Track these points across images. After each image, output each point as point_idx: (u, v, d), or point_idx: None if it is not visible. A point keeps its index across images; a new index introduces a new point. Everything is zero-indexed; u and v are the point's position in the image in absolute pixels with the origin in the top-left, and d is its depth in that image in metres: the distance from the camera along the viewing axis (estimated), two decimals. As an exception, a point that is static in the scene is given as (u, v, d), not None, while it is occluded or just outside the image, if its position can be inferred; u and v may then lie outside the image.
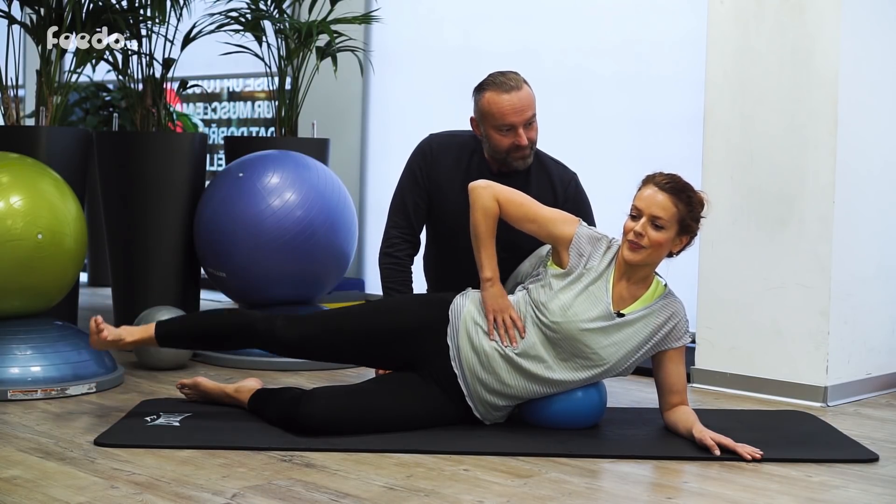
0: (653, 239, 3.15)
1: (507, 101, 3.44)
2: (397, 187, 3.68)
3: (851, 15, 3.91)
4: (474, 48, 5.92)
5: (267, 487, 2.69)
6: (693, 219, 3.19)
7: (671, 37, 5.20)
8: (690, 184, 3.23)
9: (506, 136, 3.47)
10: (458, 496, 2.66)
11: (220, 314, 3.45)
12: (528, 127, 3.47)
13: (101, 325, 3.37)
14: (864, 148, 4.03)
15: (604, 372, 3.24)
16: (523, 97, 3.45)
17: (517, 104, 3.44)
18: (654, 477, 2.93)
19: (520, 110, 3.44)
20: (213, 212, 4.53)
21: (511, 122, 3.44)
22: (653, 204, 3.15)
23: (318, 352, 3.38)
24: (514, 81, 3.47)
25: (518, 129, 3.45)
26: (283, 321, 3.34)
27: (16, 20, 4.73)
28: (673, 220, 3.16)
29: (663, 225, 3.15)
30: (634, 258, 3.18)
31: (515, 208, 3.28)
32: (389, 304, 3.41)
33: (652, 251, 3.17)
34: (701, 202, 3.21)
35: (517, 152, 3.49)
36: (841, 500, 2.73)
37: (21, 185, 3.81)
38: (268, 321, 3.34)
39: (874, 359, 4.13)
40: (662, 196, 3.15)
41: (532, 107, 3.47)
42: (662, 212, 3.14)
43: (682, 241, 3.21)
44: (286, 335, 3.32)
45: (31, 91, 7.56)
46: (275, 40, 5.16)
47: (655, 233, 3.15)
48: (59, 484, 2.68)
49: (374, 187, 6.47)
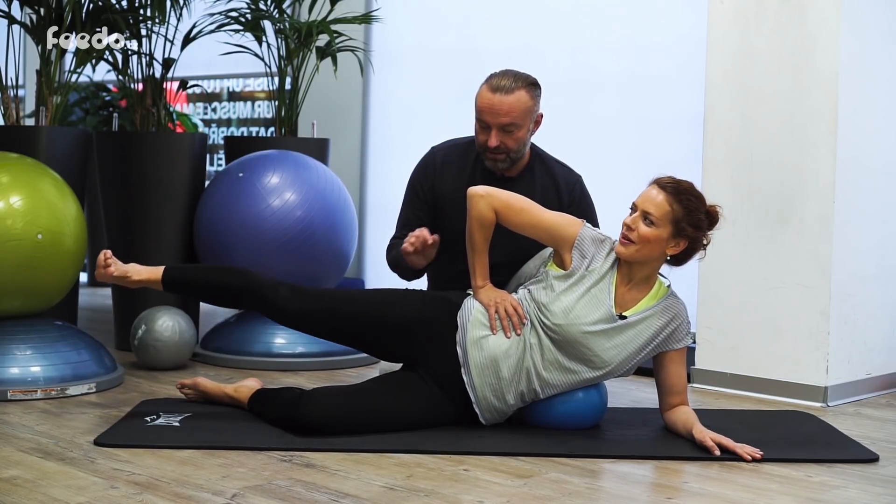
0: (641, 234, 3.15)
1: (488, 100, 3.43)
2: (402, 202, 3.70)
3: (851, 15, 3.91)
4: (474, 48, 5.92)
5: (267, 487, 2.69)
6: (689, 223, 3.16)
7: (671, 36, 5.21)
8: (699, 191, 3.20)
9: (482, 132, 3.48)
10: (458, 496, 2.66)
11: (231, 272, 3.44)
12: (504, 132, 3.43)
13: (109, 259, 3.37)
14: (864, 148, 4.03)
15: (605, 374, 3.24)
16: (506, 102, 3.40)
17: (495, 106, 3.41)
18: (654, 477, 2.93)
19: (495, 112, 3.41)
20: (213, 212, 4.53)
21: (485, 120, 3.44)
22: (648, 200, 3.17)
23: (317, 328, 3.38)
24: (509, 85, 3.42)
25: (491, 130, 3.45)
26: (288, 290, 3.33)
27: (16, 20, 4.73)
28: (665, 219, 3.15)
29: (654, 221, 3.15)
30: (623, 252, 3.19)
31: (515, 214, 3.27)
32: (395, 294, 3.39)
33: (641, 247, 3.16)
34: (711, 215, 3.18)
35: (487, 152, 3.48)
36: (841, 500, 2.73)
37: (21, 185, 3.81)
38: (274, 289, 3.33)
39: (874, 359, 4.13)
40: (659, 194, 3.16)
41: (511, 115, 3.40)
42: (655, 209, 3.14)
43: (678, 244, 3.20)
44: (289, 306, 3.32)
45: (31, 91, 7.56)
46: (275, 40, 5.16)
47: (646, 228, 3.15)
48: (59, 484, 2.68)
49: (374, 187, 6.47)
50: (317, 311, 3.33)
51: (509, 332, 3.22)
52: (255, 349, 4.44)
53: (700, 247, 3.23)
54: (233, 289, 3.37)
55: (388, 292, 3.41)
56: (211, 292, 3.46)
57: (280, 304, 3.32)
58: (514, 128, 3.43)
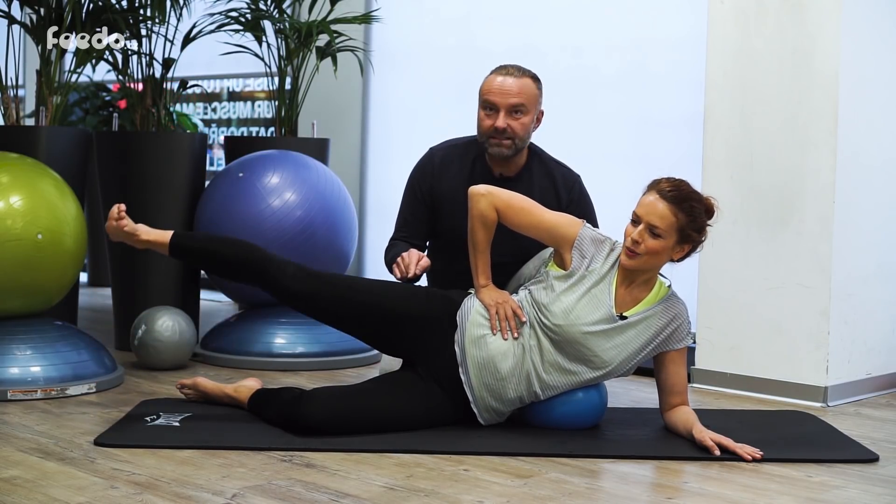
0: (649, 247, 3.14)
1: (496, 81, 3.47)
2: (401, 202, 3.71)
3: (851, 15, 3.91)
4: (474, 48, 5.92)
5: (267, 487, 2.69)
6: (694, 229, 3.15)
7: (671, 36, 5.20)
8: (696, 191, 3.19)
9: (488, 115, 3.48)
10: (458, 496, 2.66)
11: (239, 244, 3.42)
12: (511, 115, 3.45)
13: (122, 214, 3.38)
14: (865, 147, 4.03)
15: (606, 374, 3.23)
16: (515, 83, 3.45)
17: (504, 86, 3.45)
18: (654, 477, 2.93)
19: (505, 92, 3.44)
20: (213, 212, 4.53)
21: (493, 101, 3.45)
22: (652, 212, 3.14)
23: (319, 312, 3.38)
24: (515, 71, 3.49)
25: (500, 112, 3.45)
26: (294, 270, 3.33)
27: (16, 20, 4.73)
28: (671, 230, 3.14)
29: (661, 234, 3.13)
30: (630, 264, 3.18)
31: (515, 214, 3.28)
32: (398, 288, 3.38)
33: (648, 258, 3.16)
34: (709, 210, 3.18)
35: (494, 136, 3.48)
36: (841, 500, 2.73)
37: (21, 185, 3.81)
38: (280, 267, 3.32)
39: (874, 359, 4.13)
40: (663, 205, 3.13)
41: (520, 96, 3.45)
42: (660, 221, 3.13)
43: (683, 249, 3.19)
44: (293, 285, 3.31)
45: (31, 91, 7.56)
46: (275, 40, 5.17)
47: (653, 241, 3.14)
48: (59, 484, 2.68)
49: (374, 187, 6.47)
50: (321, 294, 3.32)
51: (507, 334, 3.23)
52: (255, 349, 4.43)
53: (699, 246, 3.23)
54: (239, 260, 3.36)
55: (392, 284, 3.40)
56: (216, 262, 3.44)
57: (286, 283, 3.31)
58: (523, 109, 3.46)
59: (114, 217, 3.38)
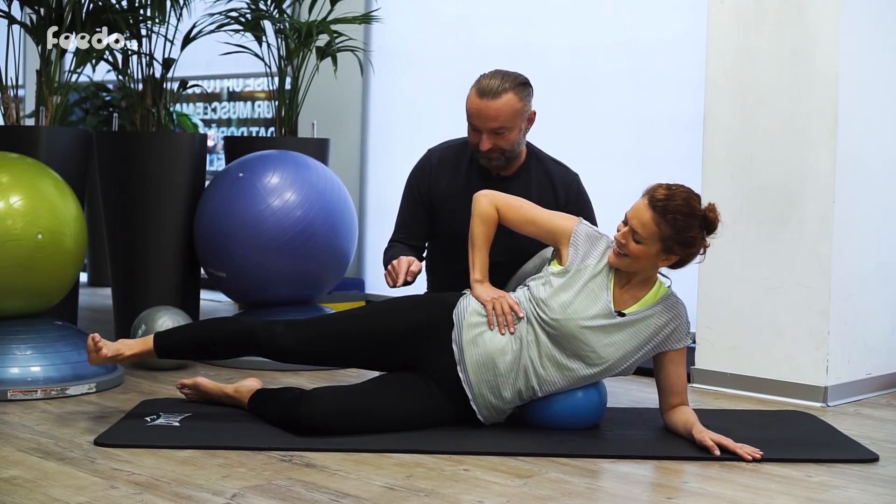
0: (632, 250, 3.15)
1: (476, 105, 3.44)
2: (400, 203, 3.71)
3: (851, 15, 3.91)
4: (474, 47, 5.92)
5: (267, 487, 2.69)
6: (678, 242, 3.12)
7: (671, 36, 5.20)
8: (691, 204, 3.12)
9: (473, 134, 3.50)
10: (458, 496, 2.66)
11: (219, 324, 3.44)
12: (494, 135, 3.45)
13: (98, 343, 3.34)
14: (864, 147, 4.03)
15: (602, 371, 3.24)
16: (493, 107, 3.41)
17: (483, 111, 3.42)
18: (654, 477, 2.93)
19: (483, 118, 3.43)
20: (213, 212, 4.53)
21: (474, 124, 3.47)
22: (636, 217, 3.15)
23: (319, 356, 3.38)
24: (497, 88, 3.42)
25: (482, 134, 3.46)
26: (282, 327, 3.34)
27: (16, 20, 4.74)
28: (654, 239, 3.13)
29: (641, 241, 3.14)
30: (616, 263, 3.21)
31: (514, 213, 3.32)
32: (388, 305, 3.40)
33: (632, 261, 3.18)
34: (709, 224, 3.13)
35: (480, 153, 3.50)
36: (841, 500, 2.73)
37: (21, 185, 3.81)
38: (267, 329, 3.33)
39: (874, 359, 4.13)
40: (648, 213, 3.12)
41: (500, 119, 3.41)
42: (642, 229, 3.13)
43: (668, 258, 3.18)
44: (286, 342, 3.32)
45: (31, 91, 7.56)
46: (275, 40, 5.17)
47: (635, 245, 3.15)
48: (59, 484, 2.68)
49: (374, 187, 6.47)
50: (317, 338, 3.33)
51: (503, 329, 3.23)
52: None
53: (693, 258, 3.21)
54: (225, 338, 3.36)
55: (377, 306, 3.42)
56: (205, 348, 3.44)
57: (278, 342, 3.32)
58: (504, 130, 3.45)
59: (91, 350, 3.35)
